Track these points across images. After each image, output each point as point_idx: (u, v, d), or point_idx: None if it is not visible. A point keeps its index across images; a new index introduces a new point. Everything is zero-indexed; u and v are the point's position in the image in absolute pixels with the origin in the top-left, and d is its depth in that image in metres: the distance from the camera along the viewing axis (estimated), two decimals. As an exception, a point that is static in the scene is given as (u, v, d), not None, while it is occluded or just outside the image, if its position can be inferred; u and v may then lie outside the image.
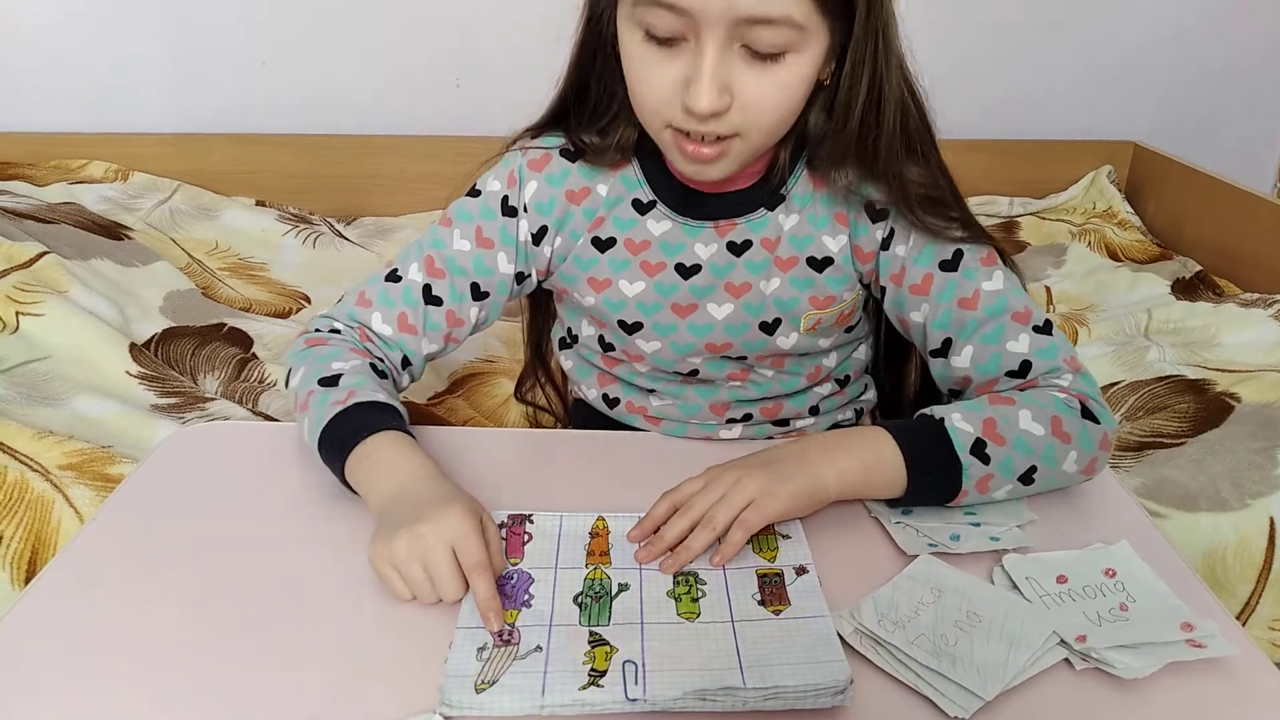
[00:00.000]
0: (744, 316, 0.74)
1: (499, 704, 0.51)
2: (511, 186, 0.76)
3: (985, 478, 0.64)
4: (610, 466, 0.75)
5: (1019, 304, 0.70)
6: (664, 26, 0.60)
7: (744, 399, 0.80)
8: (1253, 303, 1.42)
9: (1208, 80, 2.02)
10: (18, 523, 0.93)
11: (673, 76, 0.61)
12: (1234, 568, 0.96)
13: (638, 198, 0.74)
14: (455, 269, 0.75)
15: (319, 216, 1.89)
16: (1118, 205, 1.91)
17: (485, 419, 1.27)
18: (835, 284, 0.74)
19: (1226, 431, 1.11)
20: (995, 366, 0.70)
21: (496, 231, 0.75)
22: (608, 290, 0.76)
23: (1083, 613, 0.57)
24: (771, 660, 0.54)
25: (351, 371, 0.70)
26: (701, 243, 0.74)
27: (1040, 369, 0.69)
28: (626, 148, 0.73)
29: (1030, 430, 0.65)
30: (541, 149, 0.76)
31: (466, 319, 0.77)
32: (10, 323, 1.24)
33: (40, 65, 1.85)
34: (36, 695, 0.51)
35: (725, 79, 0.60)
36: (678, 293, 0.75)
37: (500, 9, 1.83)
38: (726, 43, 0.59)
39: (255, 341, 1.38)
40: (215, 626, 0.56)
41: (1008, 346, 0.70)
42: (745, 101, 0.61)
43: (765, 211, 0.73)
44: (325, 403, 0.67)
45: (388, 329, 0.75)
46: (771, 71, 0.61)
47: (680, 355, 0.77)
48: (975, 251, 0.71)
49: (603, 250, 0.75)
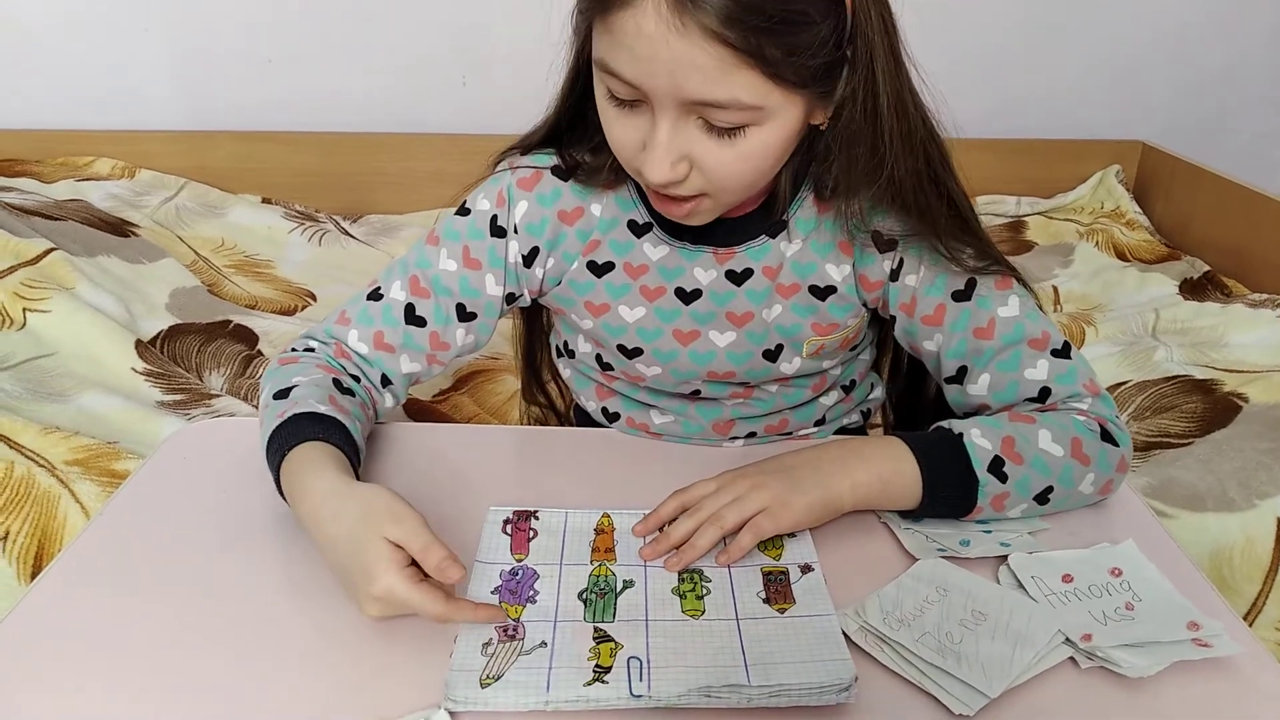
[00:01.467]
0: (747, 345, 0.73)
1: (504, 699, 0.51)
2: (500, 206, 0.73)
3: (1001, 496, 0.64)
4: (615, 464, 0.75)
5: (1036, 329, 0.69)
6: (623, 91, 0.58)
7: (748, 416, 0.79)
8: (1261, 303, 1.41)
9: (1216, 79, 2.01)
10: (24, 518, 0.94)
11: (635, 135, 0.60)
12: (1241, 568, 0.96)
13: (633, 219, 0.72)
14: (440, 289, 0.73)
15: (325, 214, 1.89)
16: (1125, 205, 1.91)
17: (490, 416, 1.27)
18: (839, 311, 0.73)
19: (1234, 432, 1.10)
20: (1013, 394, 0.69)
21: (485, 252, 0.73)
22: (607, 315, 0.74)
23: (1088, 612, 0.57)
24: (776, 658, 0.54)
25: (306, 384, 0.67)
26: (701, 267, 0.72)
27: (1060, 394, 0.68)
28: (620, 168, 0.69)
29: (1049, 450, 0.64)
30: (532, 167, 0.73)
31: (452, 342, 0.74)
32: (17, 319, 1.24)
33: (47, 63, 1.86)
34: (42, 689, 0.52)
35: (683, 149, 0.58)
36: (679, 318, 0.73)
37: (507, 8, 1.83)
38: (681, 116, 0.57)
39: (260, 338, 1.39)
40: (220, 621, 0.56)
41: (1026, 374, 0.68)
42: (706, 169, 0.59)
43: (767, 239, 0.71)
44: (271, 415, 0.65)
45: (364, 347, 0.73)
46: (732, 144, 0.58)
47: (681, 380, 0.76)
48: (988, 277, 0.69)
49: (600, 274, 0.73)
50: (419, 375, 0.76)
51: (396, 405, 0.77)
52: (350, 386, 0.71)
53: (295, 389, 0.67)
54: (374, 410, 0.74)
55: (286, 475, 0.61)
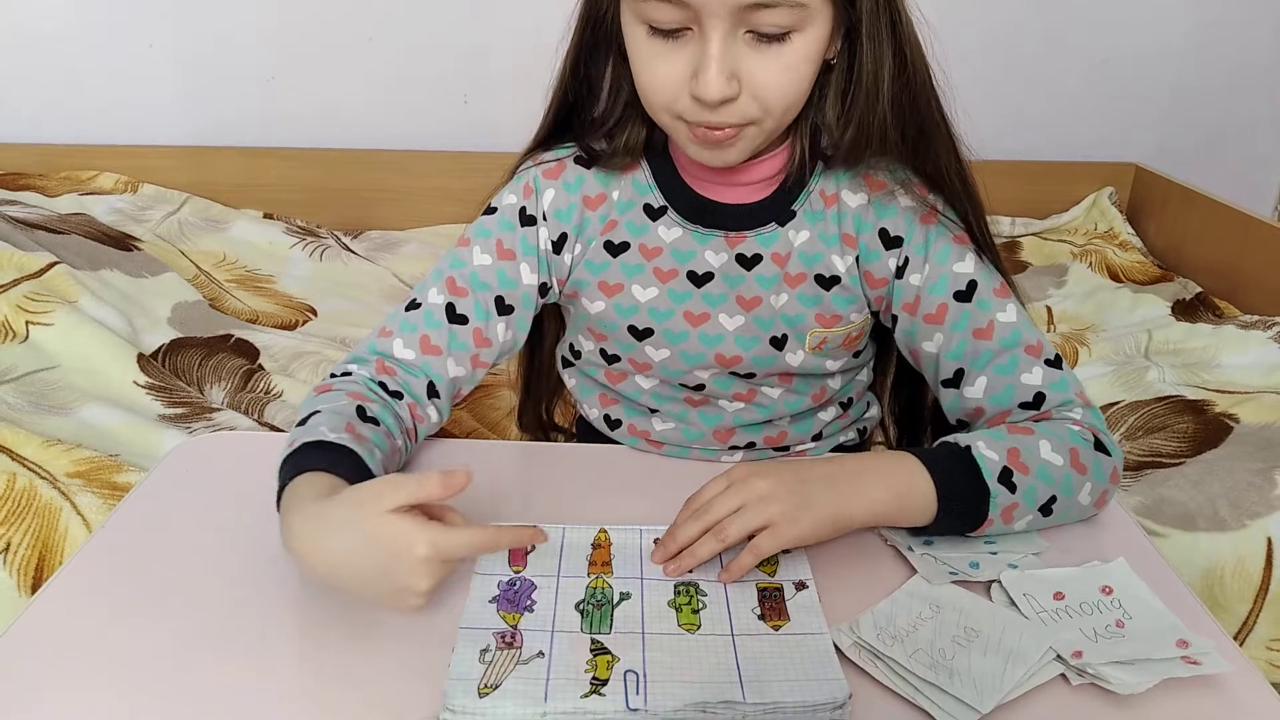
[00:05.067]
0: (754, 330, 0.74)
1: (502, 709, 0.51)
2: (528, 197, 0.75)
3: (1010, 507, 0.64)
4: (613, 480, 0.76)
5: (1032, 337, 0.70)
6: (667, 19, 0.61)
7: (748, 423, 0.80)
8: (1252, 324, 1.42)
9: (1209, 103, 2.03)
10: (25, 530, 0.94)
11: (679, 68, 0.62)
12: (1232, 587, 0.97)
13: (649, 202, 0.74)
14: (478, 284, 0.74)
15: (326, 230, 1.91)
16: (1119, 226, 1.93)
17: (489, 431, 1.28)
18: (842, 304, 0.74)
19: (1225, 452, 1.12)
20: (1009, 398, 0.70)
21: (517, 242, 0.74)
22: (619, 295, 0.75)
23: (1079, 629, 0.58)
24: (770, 676, 0.54)
25: (326, 413, 0.65)
26: (712, 250, 0.73)
27: (1053, 401, 0.69)
28: (635, 148, 0.73)
29: (1051, 460, 0.65)
30: (555, 158, 0.76)
31: (494, 338, 0.75)
32: (20, 332, 1.25)
33: (51, 78, 1.88)
34: (43, 702, 0.52)
35: (732, 66, 0.61)
36: (690, 300, 0.74)
37: (508, 26, 1.85)
38: (730, 30, 0.60)
39: (262, 353, 1.40)
40: (221, 634, 0.57)
41: (1022, 378, 0.69)
42: (754, 87, 0.62)
43: (776, 226, 0.73)
44: (285, 444, 0.63)
45: (410, 353, 0.73)
46: (777, 53, 0.61)
47: (689, 366, 0.77)
48: (989, 282, 0.71)
49: (615, 254, 0.75)
50: (463, 382, 0.76)
51: (441, 421, 0.76)
52: (376, 415, 0.67)
53: (314, 416, 0.65)
54: (414, 430, 0.72)
55: (283, 511, 0.59)
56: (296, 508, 0.57)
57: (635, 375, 0.80)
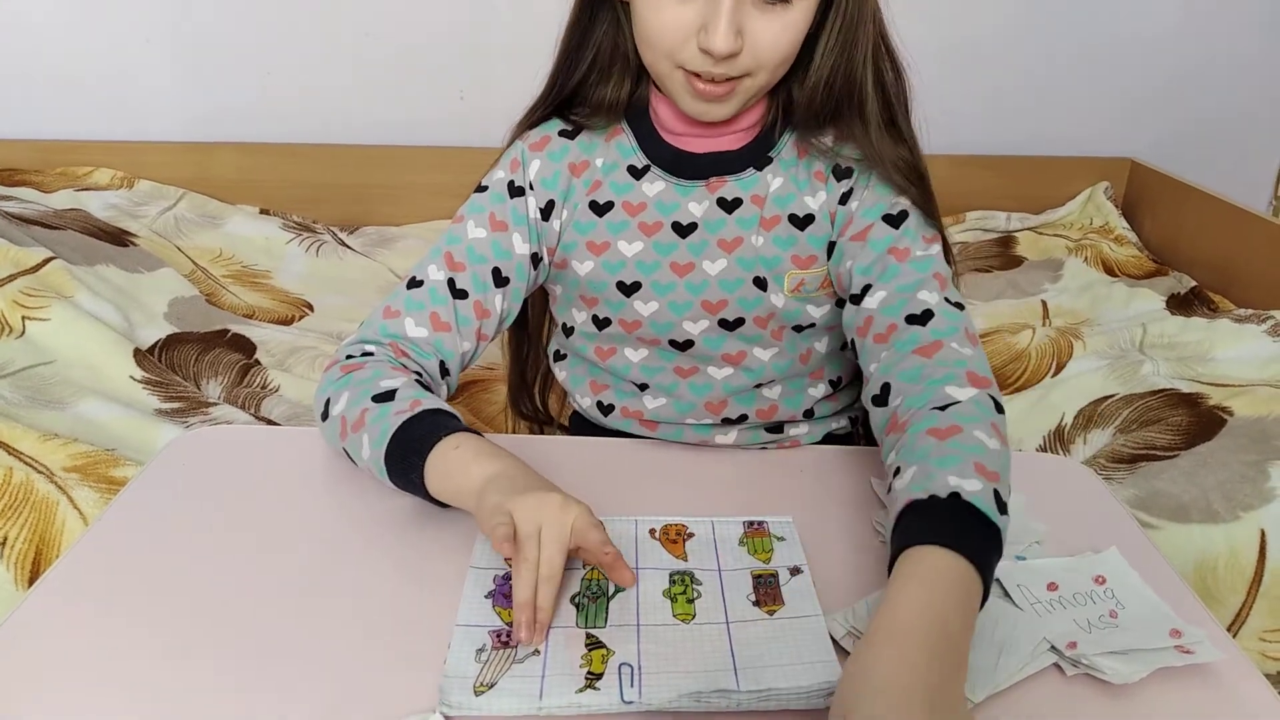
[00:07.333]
0: (738, 271, 0.76)
1: (498, 706, 0.51)
2: (515, 170, 0.78)
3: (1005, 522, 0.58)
4: (607, 472, 0.76)
5: (945, 273, 0.72)
6: None
7: (738, 389, 0.80)
8: (1246, 318, 1.43)
9: (1205, 98, 2.04)
10: (22, 524, 0.94)
11: (690, 17, 0.66)
12: (1225, 579, 0.97)
13: (632, 164, 0.78)
14: (475, 258, 0.76)
15: (322, 225, 1.91)
16: (1114, 221, 1.93)
17: (485, 425, 1.28)
18: (817, 243, 0.76)
19: (1219, 445, 1.12)
20: (898, 310, 0.69)
21: (508, 213, 0.77)
22: (607, 253, 0.78)
23: (1073, 620, 0.58)
24: (765, 661, 0.55)
25: (405, 385, 0.69)
26: (695, 201, 0.76)
27: (941, 324, 0.68)
28: (615, 106, 0.77)
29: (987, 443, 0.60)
30: (540, 135, 0.80)
31: (493, 309, 0.77)
32: (16, 327, 1.25)
33: (48, 73, 1.87)
34: (39, 696, 0.52)
35: (740, 22, 0.66)
36: (676, 251, 0.77)
37: (504, 22, 1.85)
38: None
39: (258, 348, 1.40)
40: (217, 628, 0.57)
41: (919, 295, 0.70)
42: (755, 44, 0.67)
43: (754, 171, 0.76)
44: (387, 414, 0.66)
45: (422, 331, 0.74)
46: (780, 14, 0.67)
47: (678, 317, 0.78)
48: (921, 225, 0.73)
49: (601, 214, 0.78)
50: (469, 356, 0.78)
51: (449, 396, 0.79)
52: (427, 384, 0.73)
53: (399, 390, 0.69)
54: None
55: (451, 453, 0.64)
56: (502, 451, 0.65)
57: (625, 347, 0.82)
